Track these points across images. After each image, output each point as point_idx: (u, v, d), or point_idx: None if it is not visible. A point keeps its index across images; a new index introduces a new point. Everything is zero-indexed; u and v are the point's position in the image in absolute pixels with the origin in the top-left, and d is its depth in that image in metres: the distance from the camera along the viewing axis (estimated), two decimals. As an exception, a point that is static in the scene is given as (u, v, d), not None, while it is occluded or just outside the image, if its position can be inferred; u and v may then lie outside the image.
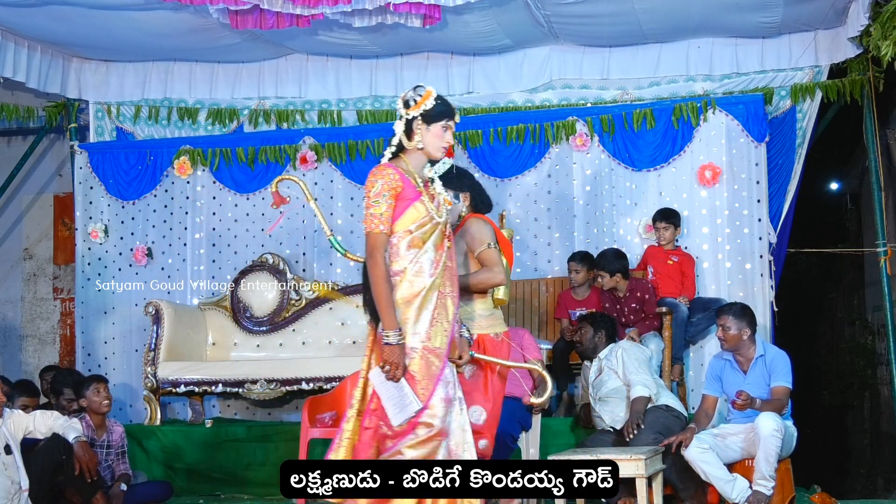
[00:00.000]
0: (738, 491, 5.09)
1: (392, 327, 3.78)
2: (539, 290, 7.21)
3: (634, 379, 5.60)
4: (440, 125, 3.98)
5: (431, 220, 3.92)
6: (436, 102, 3.96)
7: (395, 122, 4.01)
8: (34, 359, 9.00)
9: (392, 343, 3.76)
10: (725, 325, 5.38)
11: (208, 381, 7.00)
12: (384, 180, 3.85)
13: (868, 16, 6.40)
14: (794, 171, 7.31)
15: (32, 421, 5.22)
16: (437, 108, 3.96)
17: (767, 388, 5.32)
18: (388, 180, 3.85)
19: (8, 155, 9.04)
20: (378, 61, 8.02)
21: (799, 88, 7.29)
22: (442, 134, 3.99)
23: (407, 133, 3.98)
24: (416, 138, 3.97)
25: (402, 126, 3.99)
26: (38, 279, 9.16)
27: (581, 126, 7.33)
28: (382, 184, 3.85)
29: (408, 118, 3.97)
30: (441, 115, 3.97)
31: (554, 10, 6.98)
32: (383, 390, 3.79)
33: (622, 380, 5.69)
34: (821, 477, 6.81)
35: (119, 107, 8.41)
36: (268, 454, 6.52)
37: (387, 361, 3.76)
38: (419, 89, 4.00)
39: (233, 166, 7.94)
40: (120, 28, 7.37)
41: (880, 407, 10.07)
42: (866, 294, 10.56)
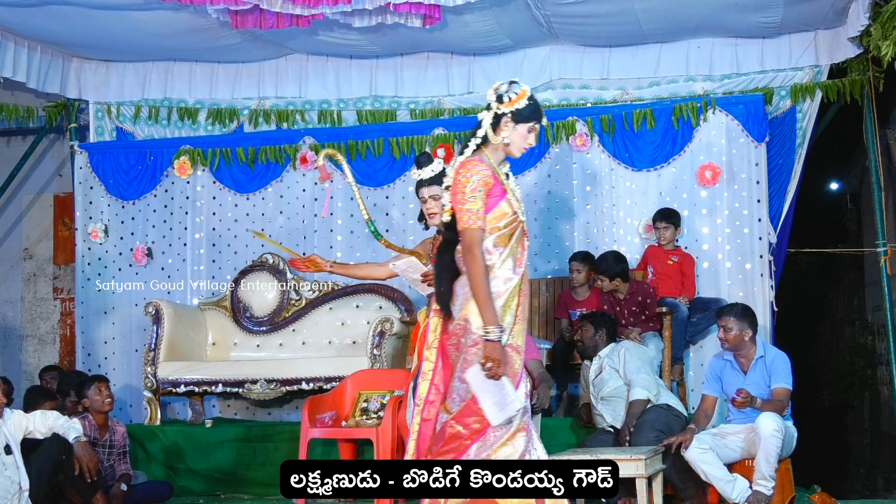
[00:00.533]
0: (738, 491, 5.09)
1: (493, 323, 3.70)
2: (539, 290, 7.21)
3: (635, 379, 5.61)
4: (528, 126, 3.92)
5: (517, 218, 3.88)
6: (528, 103, 3.90)
7: (483, 112, 3.93)
8: (34, 359, 9.00)
9: (494, 339, 3.69)
10: (727, 325, 5.37)
11: (208, 381, 7.00)
12: (479, 176, 3.78)
13: (868, 16, 6.40)
14: (794, 171, 7.31)
15: (32, 421, 5.22)
16: (528, 108, 3.89)
17: (767, 388, 5.32)
18: (482, 175, 3.78)
19: (8, 155, 9.04)
20: (378, 61, 8.02)
21: (799, 88, 7.29)
22: (527, 135, 3.94)
23: (493, 127, 3.90)
24: (502, 134, 3.89)
25: (490, 119, 3.90)
26: (38, 279, 9.16)
27: (581, 126, 7.33)
28: (478, 179, 3.78)
29: (497, 112, 3.89)
30: (531, 117, 3.91)
31: (554, 10, 6.98)
32: (482, 388, 3.71)
33: (623, 379, 5.69)
34: (821, 477, 6.81)
35: (119, 107, 8.41)
36: (268, 454, 6.52)
37: (489, 358, 3.68)
38: (514, 86, 3.91)
39: (233, 166, 7.94)
40: (120, 28, 7.37)
41: (880, 407, 10.07)
42: (866, 294, 10.56)
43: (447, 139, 7.58)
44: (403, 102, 8.04)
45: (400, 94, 8.04)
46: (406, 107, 8.03)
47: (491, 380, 3.69)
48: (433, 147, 7.58)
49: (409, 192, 7.61)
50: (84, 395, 5.93)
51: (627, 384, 5.66)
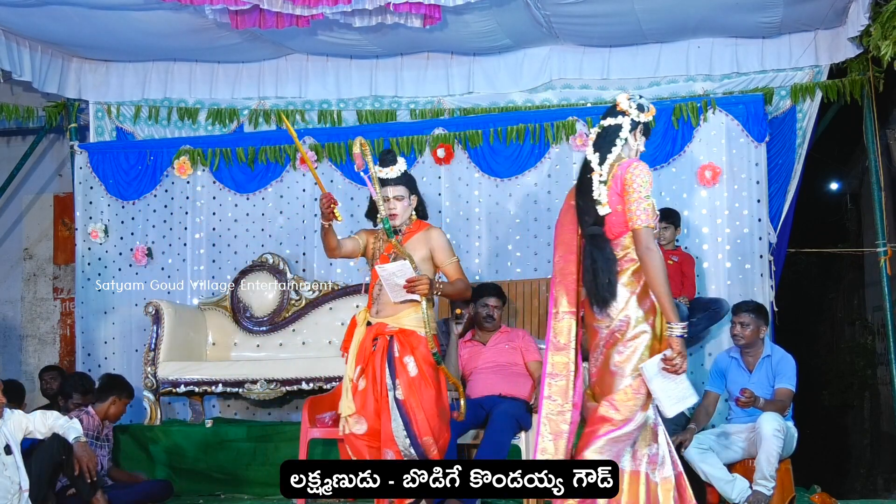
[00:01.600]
0: (738, 491, 5.09)
1: (677, 319, 3.79)
2: (539, 290, 7.19)
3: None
4: (644, 141, 4.07)
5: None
6: (653, 119, 4.08)
7: (620, 118, 4.00)
8: (34, 359, 9.00)
9: (679, 335, 3.78)
10: (745, 321, 5.41)
11: (208, 381, 7.00)
12: (650, 176, 3.90)
13: (868, 16, 6.40)
14: (794, 171, 7.31)
15: (32, 421, 5.22)
16: (651, 125, 4.08)
17: (771, 388, 5.34)
18: (651, 177, 3.92)
19: (8, 155, 9.03)
20: (378, 61, 8.02)
21: (799, 88, 7.29)
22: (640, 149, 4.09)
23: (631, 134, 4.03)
24: (636, 142, 4.03)
25: (629, 126, 3.99)
26: (38, 279, 9.16)
27: (581, 126, 7.33)
28: (649, 179, 3.89)
29: (635, 121, 4.00)
30: (648, 134, 4.10)
31: (554, 10, 6.98)
32: (660, 382, 3.79)
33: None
34: (821, 477, 6.81)
35: (119, 107, 8.41)
36: (268, 454, 6.52)
37: (678, 353, 3.77)
38: (644, 100, 4.07)
39: (233, 166, 7.94)
40: (120, 28, 7.37)
41: (880, 407, 10.07)
42: (866, 294, 10.56)
43: (447, 139, 7.58)
44: (403, 102, 8.05)
45: (400, 94, 8.04)
46: (406, 107, 8.03)
47: (671, 374, 3.78)
48: (433, 147, 7.61)
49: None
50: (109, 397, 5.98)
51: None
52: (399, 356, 4.54)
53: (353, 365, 4.62)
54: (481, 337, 6.05)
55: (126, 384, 6.22)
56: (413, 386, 4.51)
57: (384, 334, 4.60)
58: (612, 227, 3.92)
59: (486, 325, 5.99)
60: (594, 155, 3.98)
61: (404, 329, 4.58)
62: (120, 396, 6.00)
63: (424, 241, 4.69)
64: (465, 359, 5.98)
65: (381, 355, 4.56)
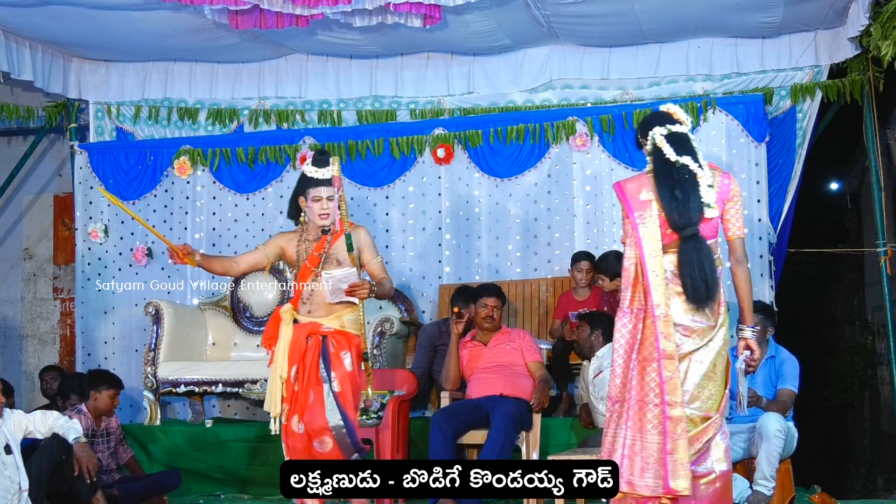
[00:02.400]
0: (738, 491, 5.08)
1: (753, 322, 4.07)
2: (539, 290, 7.21)
3: None
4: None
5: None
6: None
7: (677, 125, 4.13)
8: (34, 359, 8.99)
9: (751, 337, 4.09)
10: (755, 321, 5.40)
11: (208, 381, 7.00)
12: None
13: (868, 16, 6.40)
14: (794, 171, 7.31)
15: (32, 421, 5.22)
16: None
17: (774, 389, 5.35)
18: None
19: (8, 155, 9.03)
20: (378, 61, 8.02)
21: (799, 88, 7.29)
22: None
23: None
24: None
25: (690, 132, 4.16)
26: (38, 279, 9.16)
27: (581, 126, 7.33)
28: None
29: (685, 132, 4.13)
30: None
31: (554, 10, 6.98)
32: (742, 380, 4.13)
33: None
34: (821, 477, 6.81)
35: (119, 107, 8.41)
36: (268, 454, 6.52)
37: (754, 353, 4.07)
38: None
39: (233, 166, 7.94)
40: (120, 28, 7.37)
41: (880, 407, 10.07)
42: (866, 294, 10.56)
43: (447, 139, 7.58)
44: (403, 102, 8.04)
45: (400, 94, 8.04)
46: (406, 107, 8.03)
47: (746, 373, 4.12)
48: (433, 147, 7.60)
49: (409, 191, 7.61)
50: (90, 392, 5.96)
51: None
52: (335, 351, 4.63)
53: (287, 365, 4.65)
54: (482, 337, 6.05)
55: (105, 375, 6.18)
56: (347, 380, 4.63)
57: (318, 334, 4.66)
58: (705, 230, 4.00)
59: (486, 325, 5.99)
60: (685, 158, 4.01)
61: (340, 330, 4.67)
62: (98, 390, 5.95)
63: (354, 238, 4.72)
64: (466, 359, 5.99)
65: (314, 352, 4.63)
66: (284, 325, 4.69)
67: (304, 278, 4.71)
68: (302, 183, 4.83)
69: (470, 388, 5.89)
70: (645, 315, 3.94)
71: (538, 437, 5.68)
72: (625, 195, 4.06)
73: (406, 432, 6.04)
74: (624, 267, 4.08)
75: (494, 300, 6.02)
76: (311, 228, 4.77)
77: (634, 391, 3.90)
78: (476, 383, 5.84)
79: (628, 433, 3.88)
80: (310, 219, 4.76)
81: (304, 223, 4.79)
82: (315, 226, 4.75)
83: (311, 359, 4.63)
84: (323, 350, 4.64)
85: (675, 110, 4.15)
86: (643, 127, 4.21)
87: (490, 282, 6.53)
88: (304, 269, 4.71)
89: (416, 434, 6.16)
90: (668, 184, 3.98)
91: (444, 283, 7.41)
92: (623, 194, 4.07)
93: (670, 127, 4.09)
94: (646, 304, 3.95)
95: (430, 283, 7.53)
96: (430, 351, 6.54)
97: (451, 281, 7.38)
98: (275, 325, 4.74)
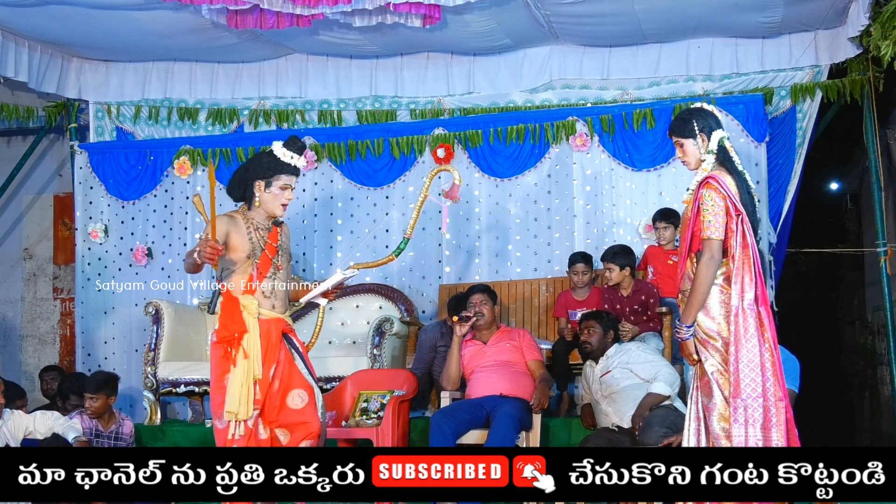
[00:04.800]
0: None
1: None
2: (539, 290, 7.20)
3: (660, 373, 5.49)
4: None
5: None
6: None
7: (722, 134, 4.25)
8: (34, 359, 8.99)
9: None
10: None
11: (208, 381, 6.97)
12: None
13: (868, 16, 6.40)
14: (794, 171, 7.32)
15: (32, 421, 5.23)
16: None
17: (774, 389, 5.33)
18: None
19: (8, 155, 9.04)
20: (378, 61, 8.02)
21: (799, 88, 7.29)
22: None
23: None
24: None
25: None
26: (38, 279, 9.16)
27: (581, 126, 7.33)
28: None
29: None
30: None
31: (554, 10, 6.98)
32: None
33: (643, 375, 5.57)
34: (821, 477, 6.79)
35: (119, 107, 8.41)
36: (268, 454, 6.51)
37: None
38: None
39: (233, 166, 7.91)
40: (120, 28, 7.37)
41: (880, 407, 10.07)
42: (866, 294, 10.56)
43: (447, 139, 7.58)
44: (403, 102, 8.05)
45: (400, 94, 8.04)
46: (406, 107, 8.03)
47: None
48: (433, 147, 7.60)
49: (409, 191, 7.60)
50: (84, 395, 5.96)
51: (647, 380, 5.55)
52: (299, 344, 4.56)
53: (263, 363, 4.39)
54: (482, 336, 6.05)
55: (86, 379, 6.20)
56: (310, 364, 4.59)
57: (284, 330, 4.51)
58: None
59: (478, 321, 6.00)
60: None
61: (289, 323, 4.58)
62: (81, 394, 5.97)
63: (287, 233, 4.67)
64: (467, 358, 5.99)
65: (284, 349, 4.49)
66: (251, 319, 4.38)
67: (267, 269, 4.44)
68: (269, 166, 4.45)
69: (470, 387, 5.88)
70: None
71: (538, 437, 5.68)
72: (730, 192, 4.13)
73: (406, 432, 6.04)
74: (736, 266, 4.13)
75: (480, 296, 6.05)
76: (259, 215, 4.48)
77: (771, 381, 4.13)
78: (476, 382, 5.84)
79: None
80: (264, 205, 4.45)
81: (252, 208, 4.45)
82: (265, 214, 4.49)
83: (283, 355, 4.43)
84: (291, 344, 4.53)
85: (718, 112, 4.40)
86: (701, 121, 4.28)
87: (481, 283, 6.57)
88: (265, 260, 4.43)
89: (416, 434, 6.15)
90: (746, 188, 4.21)
91: (444, 283, 7.41)
92: (728, 190, 4.14)
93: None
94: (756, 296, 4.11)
95: (430, 283, 7.53)
96: (431, 352, 6.54)
97: (451, 281, 7.38)
98: (237, 320, 4.37)
